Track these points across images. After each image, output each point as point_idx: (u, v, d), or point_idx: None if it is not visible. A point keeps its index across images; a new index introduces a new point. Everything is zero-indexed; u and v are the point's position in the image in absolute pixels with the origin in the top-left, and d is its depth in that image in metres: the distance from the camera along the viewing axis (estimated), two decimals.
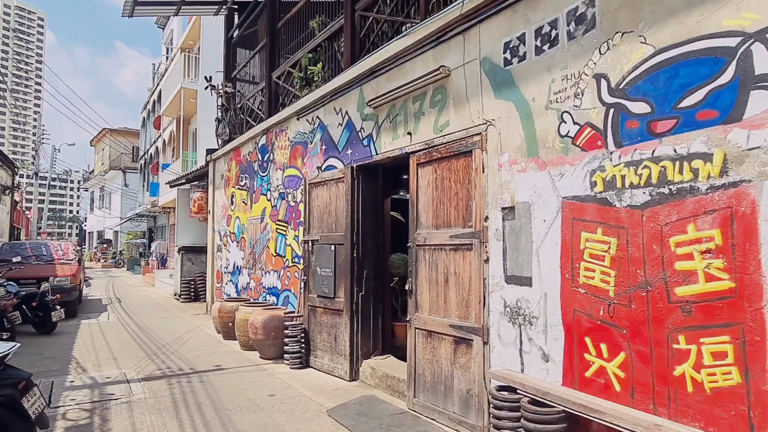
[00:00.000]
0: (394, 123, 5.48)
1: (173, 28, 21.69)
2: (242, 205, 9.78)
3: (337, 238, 6.29)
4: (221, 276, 10.87)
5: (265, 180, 8.77)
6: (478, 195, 4.35)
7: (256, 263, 9.05)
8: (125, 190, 29.27)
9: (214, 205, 11.44)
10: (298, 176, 7.60)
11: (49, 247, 11.55)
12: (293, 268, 7.64)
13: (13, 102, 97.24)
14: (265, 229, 8.70)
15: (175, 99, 17.24)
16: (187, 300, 13.63)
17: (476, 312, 4.31)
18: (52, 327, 8.91)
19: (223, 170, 10.98)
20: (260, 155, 9.05)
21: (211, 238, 11.44)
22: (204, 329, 9.46)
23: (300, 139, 7.60)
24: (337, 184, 6.36)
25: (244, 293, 9.54)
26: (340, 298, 6.20)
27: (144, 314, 11.47)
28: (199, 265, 13.92)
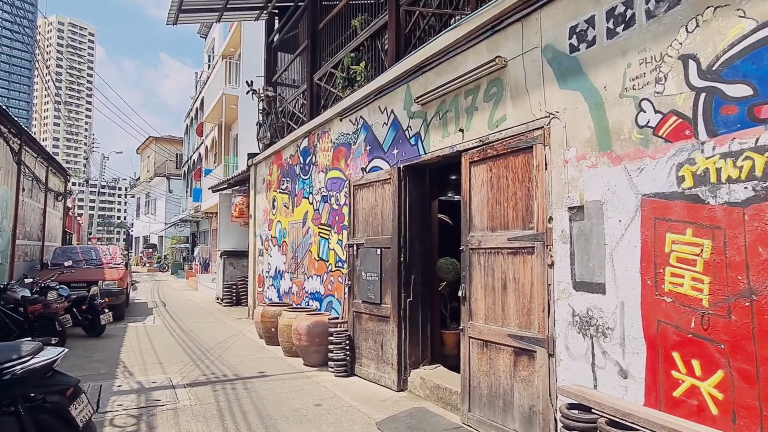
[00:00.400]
0: (444, 120, 5.20)
1: (215, 36, 22.13)
2: (284, 208, 9.69)
3: (383, 241, 6.05)
4: (263, 280, 10.83)
5: (307, 183, 8.64)
6: (540, 194, 4.01)
7: (298, 268, 8.92)
8: (169, 196, 30.07)
9: (256, 210, 11.43)
10: (341, 178, 7.41)
11: (98, 252, 11.82)
12: (336, 273, 7.45)
13: (67, 114, 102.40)
14: (307, 233, 8.56)
15: (217, 105, 17.51)
16: (230, 304, 13.71)
17: (539, 321, 3.97)
18: (101, 330, 9.04)
19: (264, 174, 10.96)
20: (302, 158, 8.93)
21: (253, 242, 11.43)
22: (246, 334, 9.40)
23: (343, 140, 7.42)
24: (383, 186, 6.12)
25: (286, 298, 9.43)
26: (386, 304, 5.95)
27: (188, 318, 11.56)
28: (240, 270, 13.99)
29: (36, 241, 12.04)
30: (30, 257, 11.60)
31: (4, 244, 9.47)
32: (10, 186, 9.60)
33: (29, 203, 11.23)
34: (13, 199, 9.80)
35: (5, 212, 9.40)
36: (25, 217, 10.90)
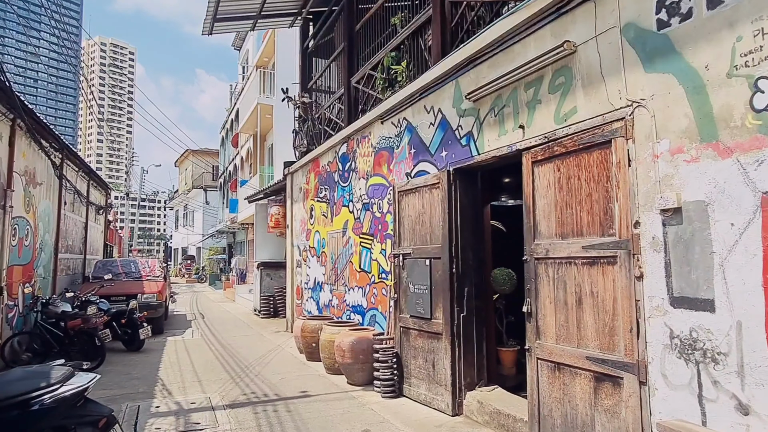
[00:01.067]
0: (501, 116, 4.72)
1: (248, 48, 22.27)
2: (322, 218, 9.36)
3: (432, 251, 5.59)
4: (301, 292, 10.51)
5: (347, 191, 8.28)
6: (623, 195, 3.48)
7: (338, 279, 8.54)
8: (206, 208, 30.43)
9: (293, 219, 11.16)
10: (383, 185, 7.01)
11: (138, 264, 11.79)
12: (380, 285, 7.02)
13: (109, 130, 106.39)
14: (347, 242, 8.18)
15: (252, 115, 17.48)
16: (267, 316, 13.47)
17: (626, 343, 3.42)
18: (140, 344, 8.89)
19: (301, 183, 10.68)
20: (341, 165, 8.59)
21: (290, 253, 11.15)
22: (286, 348, 9.07)
23: (385, 144, 7.02)
24: (431, 191, 5.67)
25: (326, 311, 9.07)
26: (437, 319, 5.47)
27: (226, 331, 11.35)
28: (278, 281, 13.75)
29: (78, 255, 12.13)
30: (72, 271, 11.67)
31: (47, 258, 9.48)
32: (52, 200, 9.62)
33: (71, 217, 11.30)
34: (55, 213, 9.83)
35: (47, 226, 9.41)
36: (67, 231, 10.96)
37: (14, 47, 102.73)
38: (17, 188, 7.77)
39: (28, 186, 8.30)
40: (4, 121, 7.13)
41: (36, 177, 8.64)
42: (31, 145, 8.30)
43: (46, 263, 9.47)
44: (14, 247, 7.80)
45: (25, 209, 8.20)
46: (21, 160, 7.92)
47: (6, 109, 6.90)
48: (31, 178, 8.39)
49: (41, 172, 8.90)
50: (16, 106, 6.92)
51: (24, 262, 8.24)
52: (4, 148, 7.22)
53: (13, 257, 7.74)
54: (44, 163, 9.01)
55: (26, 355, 7.75)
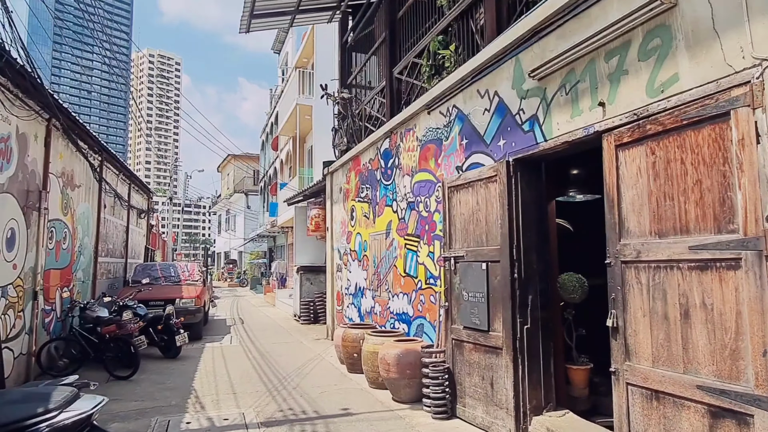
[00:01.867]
0: (574, 94, 4.01)
1: (288, 50, 22.15)
2: (363, 219, 8.81)
3: (489, 253, 4.91)
4: (341, 298, 9.99)
5: (390, 189, 7.69)
6: (748, 181, 2.72)
7: (381, 285, 7.95)
8: (247, 212, 30.60)
9: (333, 221, 10.67)
10: (431, 181, 6.38)
11: (177, 268, 11.60)
12: (428, 291, 6.38)
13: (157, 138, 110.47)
14: (391, 245, 7.58)
15: (291, 117, 17.21)
16: (307, 322, 13.04)
17: (757, 370, 2.66)
18: (176, 351, 8.57)
19: (341, 183, 10.18)
20: (383, 161, 8.01)
21: (330, 256, 10.66)
22: (326, 358, 8.55)
23: (432, 136, 6.39)
24: (487, 186, 5.00)
25: (368, 318, 8.49)
26: (496, 331, 4.78)
27: (265, 338, 10.96)
28: (318, 286, 13.31)
29: (119, 258, 12.07)
30: (113, 275, 11.59)
31: (86, 261, 9.35)
32: (91, 203, 9.50)
33: (111, 220, 11.22)
34: (94, 216, 9.71)
35: (86, 229, 9.28)
36: (107, 234, 10.86)
37: (70, 61, 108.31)
38: (54, 190, 7.59)
39: (66, 188, 8.14)
40: (38, 120, 6.94)
41: (74, 179, 8.49)
42: (68, 146, 8.14)
43: (86, 267, 9.33)
44: (51, 250, 7.61)
45: (63, 212, 8.03)
46: (57, 161, 7.75)
47: (39, 108, 6.69)
48: (68, 180, 8.23)
49: (79, 174, 8.76)
50: (50, 105, 6.71)
51: (62, 265, 8.07)
52: (40, 148, 7.04)
53: (50, 261, 7.56)
54: (82, 165, 8.87)
55: (63, 361, 7.54)
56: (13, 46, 5.37)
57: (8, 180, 6.16)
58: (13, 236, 6.33)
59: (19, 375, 6.62)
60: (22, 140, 6.50)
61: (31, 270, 6.84)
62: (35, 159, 6.90)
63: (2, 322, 6.14)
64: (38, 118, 6.91)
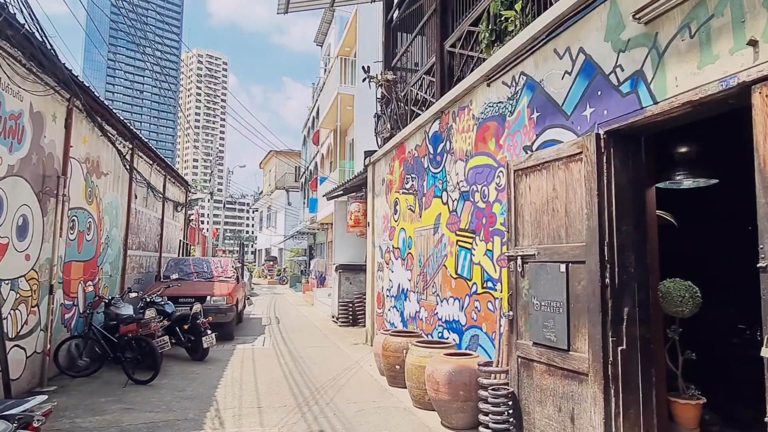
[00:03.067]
0: (704, 35, 2.94)
1: (330, 42, 21.51)
2: (408, 212, 7.88)
3: (570, 252, 3.88)
4: (382, 300, 9.10)
5: (439, 177, 6.73)
6: None
7: (427, 287, 7.00)
8: (288, 209, 30.27)
9: (374, 216, 9.79)
10: (490, 166, 5.38)
11: (210, 264, 11.03)
12: (484, 297, 5.39)
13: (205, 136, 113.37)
14: (440, 242, 6.62)
15: (332, 107, 16.46)
16: (345, 323, 12.23)
17: None
18: (203, 353, 7.91)
19: (383, 173, 9.29)
20: (431, 147, 7.06)
21: (371, 254, 9.78)
22: (364, 366, 7.67)
23: (492, 112, 5.39)
24: (567, 166, 3.96)
25: (411, 324, 7.56)
26: (579, 351, 3.74)
27: (299, 340, 10.21)
28: (357, 285, 12.48)
29: (152, 252, 11.62)
30: (146, 269, 11.15)
31: (114, 254, 8.85)
32: (120, 193, 9.00)
33: (144, 212, 10.76)
34: (124, 206, 9.22)
35: (115, 220, 8.78)
36: (139, 226, 10.39)
37: (124, 62, 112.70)
38: (76, 176, 7.06)
39: (91, 175, 7.61)
40: (57, 99, 6.40)
41: (100, 166, 7.98)
42: (93, 130, 7.62)
43: (113, 260, 8.83)
44: (73, 241, 7.09)
45: (87, 200, 7.50)
46: (81, 146, 7.22)
47: (56, 84, 6.12)
48: (93, 167, 7.71)
49: (107, 161, 8.25)
50: (67, 81, 6.13)
51: (85, 258, 7.55)
52: (59, 130, 6.49)
53: (71, 252, 7.03)
54: (110, 152, 8.36)
55: (83, 360, 6.98)
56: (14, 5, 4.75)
57: (20, 162, 5.60)
58: (25, 224, 5.78)
59: (33, 375, 6.08)
60: (37, 119, 5.94)
61: (47, 262, 6.29)
62: (53, 141, 6.35)
63: (12, 318, 5.58)
64: (56, 97, 6.36)
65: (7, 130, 5.33)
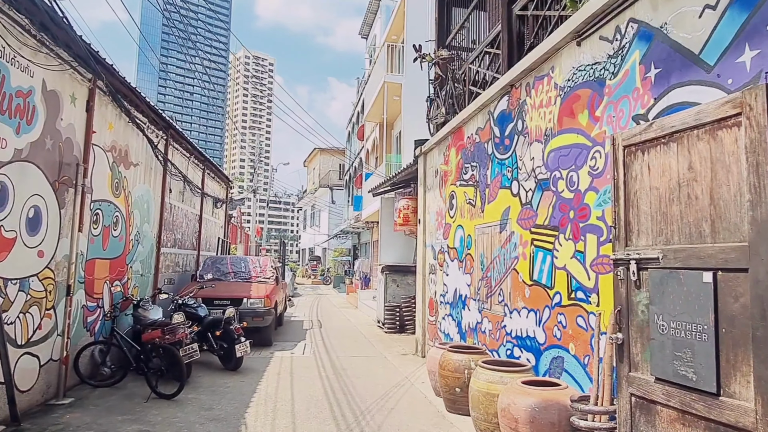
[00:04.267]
0: None
1: (376, 33, 20.65)
2: (467, 207, 6.82)
3: (719, 255, 2.74)
4: (435, 306, 8.07)
5: (508, 165, 5.65)
6: None
7: (492, 294, 5.93)
8: (332, 207, 29.66)
9: (425, 212, 8.77)
10: (581, 145, 4.27)
11: (248, 263, 10.32)
12: (572, 310, 4.28)
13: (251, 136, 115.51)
14: (508, 240, 5.54)
15: (378, 98, 15.53)
16: (392, 330, 11.27)
17: None
18: (236, 363, 7.14)
19: (436, 164, 8.26)
20: (497, 129, 5.98)
21: (422, 255, 8.77)
22: (416, 384, 6.68)
23: (584, 77, 4.28)
24: (713, 135, 2.82)
25: (471, 337, 6.50)
26: (738, 398, 2.60)
27: (343, 348, 9.32)
28: (405, 289, 11.50)
29: (190, 250, 11.06)
30: (182, 268, 10.58)
31: (146, 251, 8.25)
32: (152, 186, 8.40)
33: (180, 207, 10.17)
34: (157, 200, 8.63)
35: (146, 215, 8.18)
36: (174, 222, 9.81)
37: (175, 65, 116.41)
38: (100, 165, 6.44)
39: (118, 165, 6.99)
40: (77, 78, 5.76)
41: (129, 156, 7.36)
42: (120, 116, 7.00)
43: (145, 258, 8.23)
44: (97, 237, 6.47)
45: (113, 192, 6.88)
46: (106, 132, 6.60)
47: (72, 59, 5.46)
48: (121, 156, 7.09)
49: (137, 151, 7.63)
50: (85, 57, 5.45)
51: (111, 255, 6.94)
52: (79, 113, 5.86)
53: (94, 249, 6.41)
54: (140, 142, 7.75)
55: (107, 368, 6.32)
56: None
57: (30, 146, 4.95)
58: (37, 216, 5.13)
59: (48, 385, 5.44)
60: (51, 99, 5.29)
61: (65, 259, 5.66)
62: (72, 125, 5.71)
63: (21, 323, 4.94)
64: (75, 76, 5.71)
65: (13, 109, 4.68)
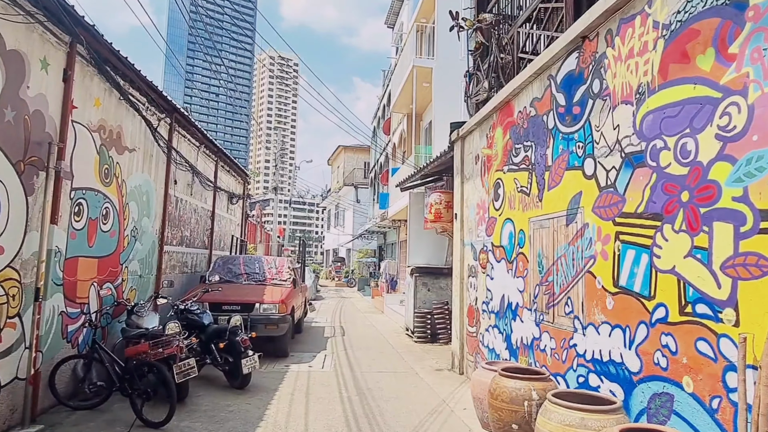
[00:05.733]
0: None
1: (403, 21, 19.50)
2: (519, 196, 5.61)
3: None
4: (475, 315, 6.87)
5: (578, 139, 4.42)
6: None
7: (555, 302, 4.70)
8: (356, 207, 28.61)
9: (463, 205, 7.58)
10: (702, 98, 3.04)
11: (262, 263, 9.30)
12: (689, 329, 3.05)
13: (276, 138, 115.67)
14: (580, 234, 4.31)
15: (407, 84, 14.33)
16: (423, 339, 10.08)
17: None
18: (243, 381, 6.10)
19: (477, 148, 7.07)
20: (561, 95, 4.76)
21: (459, 255, 7.58)
22: (456, 411, 5.50)
23: (707, 4, 3.04)
24: None
25: (524, 354, 5.29)
26: None
27: (368, 361, 8.19)
28: (437, 293, 10.31)
29: (200, 249, 10.11)
30: (192, 268, 9.64)
31: (146, 249, 7.30)
32: (154, 175, 7.45)
33: (188, 202, 9.22)
34: (159, 193, 7.67)
35: (146, 208, 7.23)
36: (181, 218, 8.85)
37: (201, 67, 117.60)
38: (84, 148, 5.50)
39: (108, 148, 6.04)
40: (51, 41, 4.80)
41: (123, 139, 6.41)
42: (111, 93, 6.04)
43: (145, 257, 7.28)
44: (80, 231, 5.51)
45: (102, 180, 5.93)
46: (92, 109, 5.64)
47: (37, 11, 4.48)
48: (112, 139, 6.14)
49: (133, 134, 6.69)
50: (54, 10, 4.46)
51: (100, 253, 5.98)
52: (54, 82, 4.91)
53: (77, 245, 5.46)
54: (139, 124, 6.80)
55: (91, 386, 5.32)
56: None
57: None
58: None
59: (11, 409, 4.47)
60: (13, 61, 4.33)
61: (34, 256, 4.68)
62: (43, 96, 4.74)
63: None
64: (48, 36, 4.75)
65: None
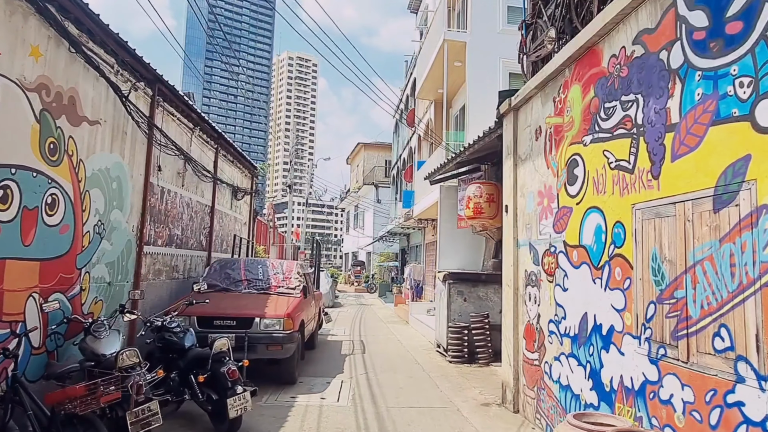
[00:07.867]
0: None
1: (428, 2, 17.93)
2: (613, 175, 3.96)
3: None
4: (535, 336, 5.22)
5: (735, 74, 2.75)
6: None
7: (693, 332, 3.02)
8: (377, 207, 27.02)
9: (516, 195, 5.93)
10: None
11: (267, 268, 7.77)
12: None
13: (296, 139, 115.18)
14: (749, 225, 2.64)
15: (436, 63, 12.64)
16: (458, 359, 8.42)
17: None
18: (231, 426, 4.54)
19: (538, 120, 5.42)
20: (700, 14, 3.10)
21: (512, 258, 5.92)
22: None
23: None
24: None
25: (626, 401, 3.62)
26: None
27: (394, 391, 6.58)
28: (475, 304, 8.65)
29: (197, 251, 8.67)
30: (185, 273, 8.19)
31: (117, 250, 5.86)
32: (128, 158, 6.03)
33: (179, 194, 7.77)
34: (136, 179, 6.22)
35: (118, 198, 5.80)
36: (168, 213, 7.40)
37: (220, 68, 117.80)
38: (12, 110, 4.04)
39: (53, 116, 4.60)
40: None
41: (78, 106, 4.98)
42: (60, 43, 4.61)
43: (116, 260, 5.83)
44: (8, 224, 4.05)
45: (45, 157, 4.49)
46: (26, 59, 4.22)
47: None
48: (61, 104, 4.70)
49: (96, 102, 5.26)
50: None
51: (44, 254, 4.54)
52: None
53: (4, 244, 3.99)
54: (103, 90, 5.36)
55: None
56: None
57: None
58: None
59: None
60: None
61: None
62: None
63: None
64: None
65: None
